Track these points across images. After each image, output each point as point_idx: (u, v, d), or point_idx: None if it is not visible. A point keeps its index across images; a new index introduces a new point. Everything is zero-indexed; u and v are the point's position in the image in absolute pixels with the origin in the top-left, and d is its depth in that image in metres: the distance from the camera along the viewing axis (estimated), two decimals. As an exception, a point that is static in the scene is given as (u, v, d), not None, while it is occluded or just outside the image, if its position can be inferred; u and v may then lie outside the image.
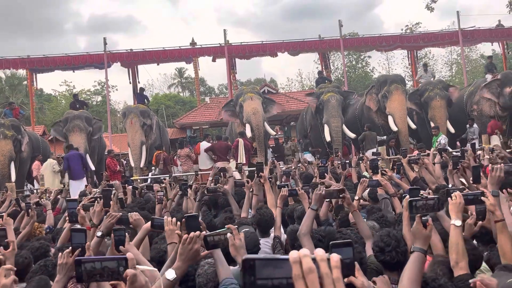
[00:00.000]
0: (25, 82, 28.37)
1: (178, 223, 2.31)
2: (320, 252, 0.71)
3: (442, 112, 11.76)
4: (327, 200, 3.36)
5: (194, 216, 2.05)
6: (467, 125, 11.95)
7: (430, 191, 2.99)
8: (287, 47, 16.56)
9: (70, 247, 2.12)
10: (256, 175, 4.52)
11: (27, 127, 14.21)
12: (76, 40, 72.19)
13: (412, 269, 1.79)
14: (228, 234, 1.92)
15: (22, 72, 24.82)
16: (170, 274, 1.76)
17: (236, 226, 2.12)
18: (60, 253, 2.10)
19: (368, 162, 5.55)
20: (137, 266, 1.29)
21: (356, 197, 3.57)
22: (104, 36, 15.55)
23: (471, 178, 3.61)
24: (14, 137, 11.33)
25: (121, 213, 2.65)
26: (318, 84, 14.00)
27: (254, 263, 0.72)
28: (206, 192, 4.61)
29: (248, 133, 10.76)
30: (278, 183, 5.23)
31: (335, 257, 0.72)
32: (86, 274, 1.27)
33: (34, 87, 16.97)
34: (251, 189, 4.22)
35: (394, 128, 11.43)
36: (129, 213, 2.63)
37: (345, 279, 1.46)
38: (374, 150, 10.71)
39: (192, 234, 1.87)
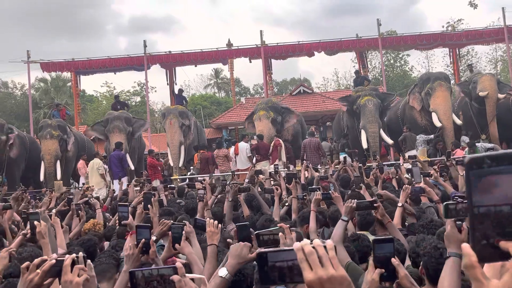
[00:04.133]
0: (69, 84, 29.58)
1: (220, 225, 2.38)
2: (317, 241, 0.88)
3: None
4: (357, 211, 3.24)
5: (245, 225, 2.11)
6: None
7: None
8: (324, 47, 16.42)
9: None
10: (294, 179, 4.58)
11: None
12: (117, 41, 74.49)
13: (451, 275, 1.74)
14: (280, 233, 1.96)
15: (66, 74, 25.88)
16: (222, 271, 1.82)
17: (288, 226, 2.14)
18: (126, 245, 2.21)
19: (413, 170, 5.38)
20: (186, 274, 1.35)
21: (399, 204, 3.48)
22: (143, 37, 16.17)
23: None
24: (60, 137, 11.88)
25: (171, 221, 2.72)
26: (356, 83, 13.78)
27: (266, 255, 0.90)
28: (238, 192, 4.66)
29: None
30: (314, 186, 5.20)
31: (329, 242, 0.88)
32: (143, 280, 1.34)
33: (78, 88, 17.68)
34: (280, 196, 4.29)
35: (438, 124, 11.07)
36: (185, 225, 2.66)
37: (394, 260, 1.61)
38: (414, 152, 10.46)
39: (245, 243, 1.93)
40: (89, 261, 1.57)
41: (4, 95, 32.76)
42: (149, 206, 3.46)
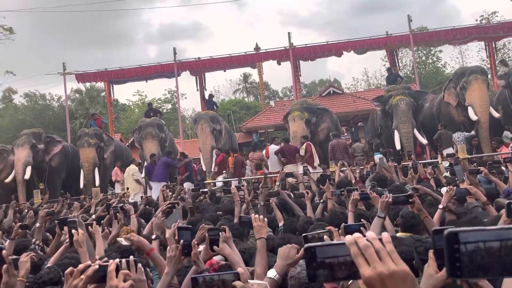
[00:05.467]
0: (102, 94, 30.44)
1: (266, 219, 2.44)
2: (370, 234, 0.80)
3: None
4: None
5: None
6: None
7: None
8: (353, 46, 16.18)
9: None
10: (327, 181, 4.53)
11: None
12: (146, 49, 76.11)
13: None
14: (325, 236, 1.97)
15: (100, 84, 26.66)
16: (271, 273, 1.84)
17: (337, 229, 2.13)
18: (168, 247, 2.22)
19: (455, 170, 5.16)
20: (249, 281, 1.35)
21: (440, 206, 3.30)
22: (172, 44, 16.52)
23: None
24: (97, 145, 12.28)
25: (210, 225, 2.73)
26: (389, 81, 13.51)
27: (314, 250, 0.81)
28: (268, 196, 4.64)
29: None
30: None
31: (385, 235, 0.80)
32: (204, 285, 1.34)
33: (111, 98, 18.16)
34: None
35: (474, 118, 10.68)
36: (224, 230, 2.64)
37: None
38: (450, 150, 10.09)
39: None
40: (139, 264, 1.55)
41: (42, 107, 34.04)
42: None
